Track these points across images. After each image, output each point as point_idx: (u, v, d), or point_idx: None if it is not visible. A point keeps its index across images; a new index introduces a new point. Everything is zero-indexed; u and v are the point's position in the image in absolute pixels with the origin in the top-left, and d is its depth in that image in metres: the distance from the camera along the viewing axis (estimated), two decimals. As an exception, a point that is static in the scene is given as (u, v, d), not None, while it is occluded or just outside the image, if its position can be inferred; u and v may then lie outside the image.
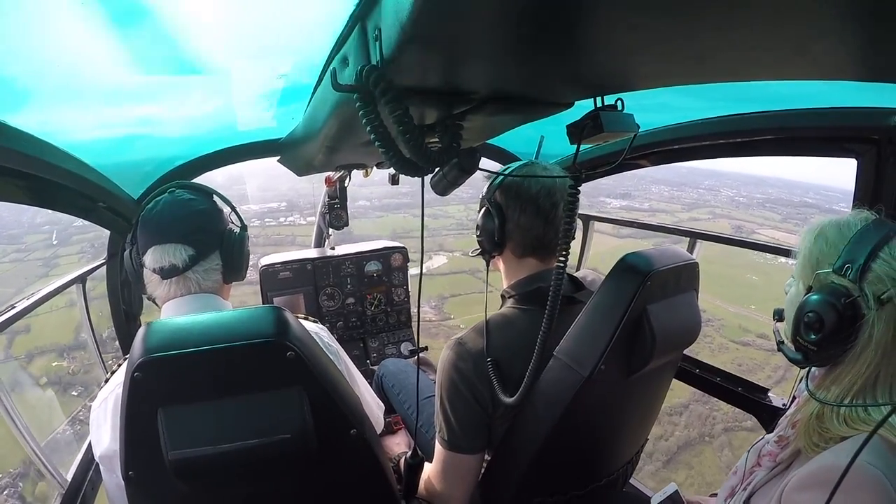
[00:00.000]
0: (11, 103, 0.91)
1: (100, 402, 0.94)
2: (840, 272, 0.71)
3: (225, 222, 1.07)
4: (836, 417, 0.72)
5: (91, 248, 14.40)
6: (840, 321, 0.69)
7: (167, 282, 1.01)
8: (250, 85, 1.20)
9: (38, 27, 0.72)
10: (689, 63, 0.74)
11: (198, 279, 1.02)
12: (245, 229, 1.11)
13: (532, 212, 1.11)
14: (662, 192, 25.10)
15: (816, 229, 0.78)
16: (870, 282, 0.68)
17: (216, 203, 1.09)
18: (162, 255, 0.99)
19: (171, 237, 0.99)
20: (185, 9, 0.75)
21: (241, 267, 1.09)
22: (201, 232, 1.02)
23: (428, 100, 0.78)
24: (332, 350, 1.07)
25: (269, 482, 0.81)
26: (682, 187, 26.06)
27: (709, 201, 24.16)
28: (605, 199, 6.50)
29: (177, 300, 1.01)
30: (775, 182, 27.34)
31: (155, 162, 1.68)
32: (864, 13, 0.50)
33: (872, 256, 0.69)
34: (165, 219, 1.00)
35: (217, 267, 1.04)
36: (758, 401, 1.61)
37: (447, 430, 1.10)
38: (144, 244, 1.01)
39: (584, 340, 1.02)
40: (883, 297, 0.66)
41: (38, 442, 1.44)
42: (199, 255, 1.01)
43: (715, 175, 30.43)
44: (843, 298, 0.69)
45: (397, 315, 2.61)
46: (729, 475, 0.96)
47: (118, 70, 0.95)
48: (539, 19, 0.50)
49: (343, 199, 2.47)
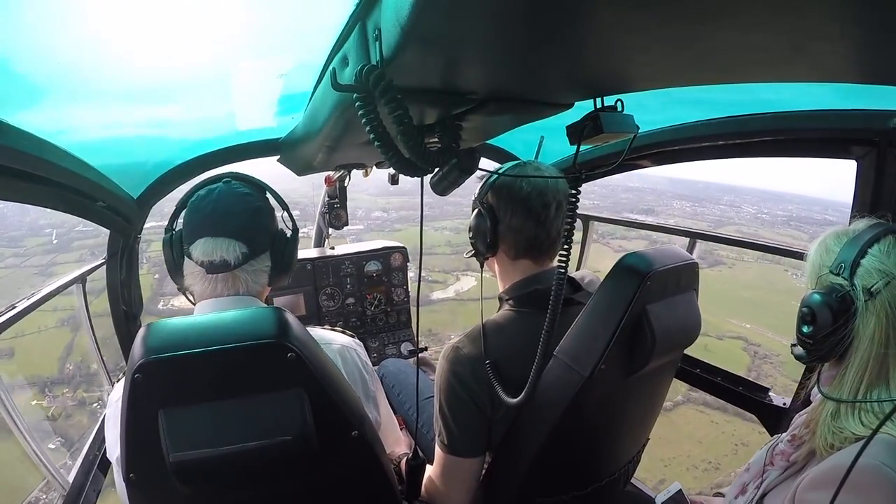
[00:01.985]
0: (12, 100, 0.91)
1: (118, 397, 0.89)
2: (836, 272, 0.75)
3: (277, 222, 1.02)
4: (851, 415, 0.73)
5: (90, 256, 13.60)
6: (832, 314, 0.73)
7: (212, 277, 0.93)
8: (250, 84, 1.20)
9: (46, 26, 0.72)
10: (688, 64, 0.74)
11: (247, 279, 0.95)
12: (297, 232, 1.05)
13: (523, 213, 1.11)
14: (685, 208, 24.72)
15: (819, 240, 0.83)
16: (860, 276, 0.73)
17: (269, 201, 1.03)
18: (214, 249, 0.91)
19: (225, 230, 0.92)
20: (186, 9, 0.75)
21: (290, 271, 1.02)
22: (255, 230, 0.95)
23: (427, 100, 0.78)
24: (368, 370, 1.04)
25: (270, 484, 0.81)
26: (704, 203, 25.72)
27: (732, 218, 23.78)
28: (628, 216, 6.51)
29: (216, 300, 0.94)
30: (793, 198, 26.95)
31: (154, 161, 1.68)
32: (863, 15, 0.50)
33: (862, 253, 0.74)
34: (220, 210, 0.93)
35: (266, 269, 0.98)
36: (759, 400, 1.61)
37: (447, 435, 1.10)
38: (193, 233, 0.93)
39: (584, 340, 1.02)
40: (872, 288, 0.71)
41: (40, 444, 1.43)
42: (251, 254, 0.94)
43: (733, 190, 29.91)
44: (835, 293, 0.74)
45: (397, 315, 2.61)
46: (741, 471, 0.96)
47: (119, 70, 0.96)
48: (538, 20, 0.50)
49: (343, 199, 2.47)
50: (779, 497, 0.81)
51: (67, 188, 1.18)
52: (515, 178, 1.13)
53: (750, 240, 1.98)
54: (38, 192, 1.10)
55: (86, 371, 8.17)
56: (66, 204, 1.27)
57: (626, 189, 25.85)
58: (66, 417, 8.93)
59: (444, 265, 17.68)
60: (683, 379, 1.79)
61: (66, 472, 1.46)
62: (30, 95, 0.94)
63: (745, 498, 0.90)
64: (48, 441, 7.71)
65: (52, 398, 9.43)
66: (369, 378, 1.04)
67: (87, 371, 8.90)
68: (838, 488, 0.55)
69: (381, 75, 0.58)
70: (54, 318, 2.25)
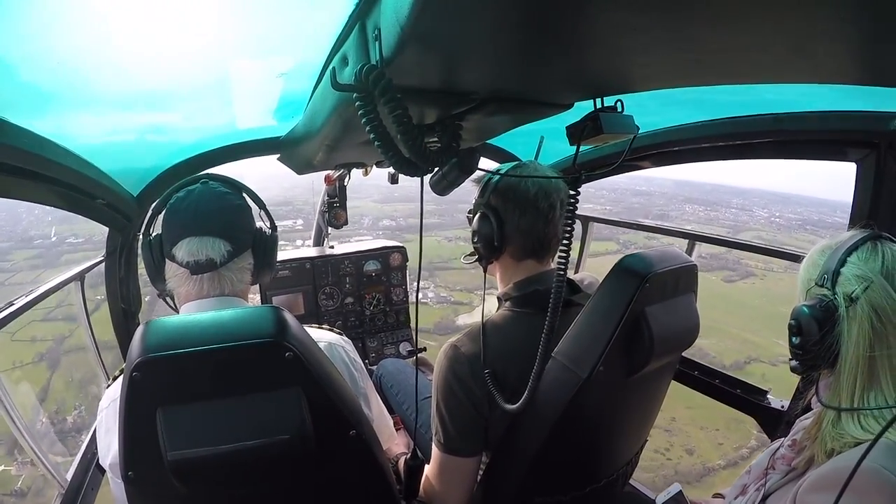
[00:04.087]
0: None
1: (108, 403, 0.90)
2: (820, 283, 0.79)
3: (255, 220, 1.02)
4: (852, 420, 0.74)
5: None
6: (817, 322, 0.76)
7: (197, 278, 0.92)
8: (250, 83, 1.20)
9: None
10: (689, 65, 0.74)
11: (232, 278, 0.95)
12: (275, 230, 1.05)
13: (533, 214, 1.11)
14: (698, 213, 24.22)
15: (808, 256, 0.86)
16: (841, 284, 0.76)
17: (246, 200, 1.03)
18: (199, 248, 0.91)
19: (209, 230, 0.92)
20: (186, 9, 0.75)
21: (271, 268, 1.03)
22: (238, 228, 0.96)
23: (427, 100, 0.78)
24: (356, 366, 1.04)
25: (267, 483, 0.81)
26: (716, 207, 25.33)
27: (747, 223, 23.38)
28: (643, 222, 6.20)
29: (200, 302, 0.93)
30: (799, 200, 26.47)
31: (153, 160, 1.68)
32: (864, 17, 0.50)
33: (842, 262, 0.77)
34: (202, 210, 0.93)
35: (249, 266, 0.98)
36: (757, 403, 1.61)
37: (443, 433, 1.10)
38: (174, 235, 0.92)
39: (582, 342, 1.02)
40: (853, 294, 0.74)
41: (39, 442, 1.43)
42: (235, 252, 0.94)
43: (742, 193, 29.32)
44: (819, 304, 0.76)
45: (396, 315, 2.61)
46: (741, 473, 0.97)
47: (119, 71, 0.95)
48: (538, 20, 0.50)
49: (342, 198, 2.47)
50: (780, 500, 0.82)
51: (67, 186, 1.18)
52: (519, 180, 1.12)
53: (747, 242, 1.97)
54: (39, 190, 1.10)
55: (61, 427, 6.71)
56: (66, 201, 1.27)
57: (634, 193, 25.42)
58: (36, 494, 7.01)
59: (465, 283, 15.49)
60: (682, 381, 1.79)
61: (65, 470, 1.46)
62: (32, 101, 0.94)
63: (746, 499, 0.90)
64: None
65: (20, 464, 7.26)
66: (358, 375, 1.04)
67: (62, 427, 7.19)
68: (841, 491, 0.55)
69: (381, 75, 0.58)
70: (32, 352, 2.02)
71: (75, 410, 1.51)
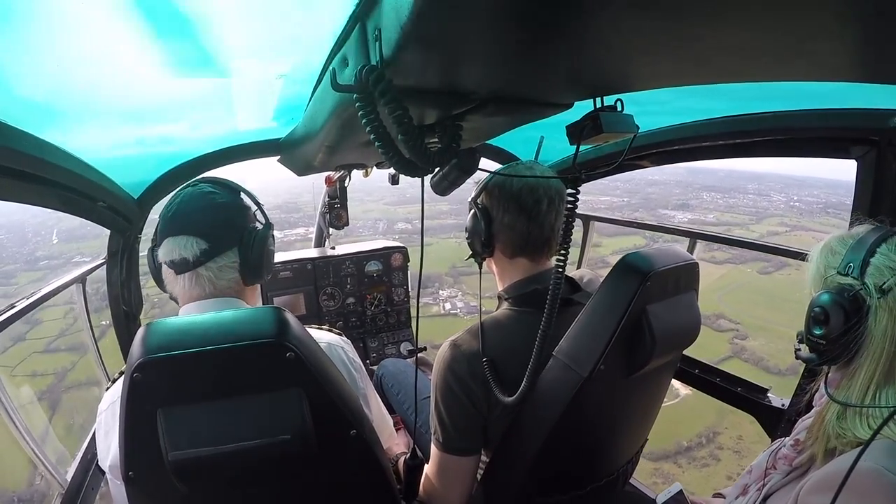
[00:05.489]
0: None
1: (107, 405, 0.90)
2: (844, 272, 0.75)
3: (248, 219, 1.01)
4: (858, 419, 0.72)
5: (72, 313, 10.79)
6: (845, 313, 0.72)
7: (181, 277, 0.95)
8: (250, 85, 1.20)
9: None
10: (688, 64, 0.74)
11: (210, 276, 0.94)
12: (269, 227, 1.04)
13: (515, 210, 1.11)
14: (717, 201, 23.18)
15: (822, 245, 0.83)
16: (870, 274, 0.72)
17: (241, 199, 1.03)
18: (173, 248, 0.93)
19: (185, 229, 0.93)
20: (186, 9, 0.75)
21: (261, 266, 1.00)
22: (219, 226, 0.95)
23: (428, 100, 0.78)
24: (355, 366, 1.04)
25: (268, 483, 0.81)
26: (734, 193, 24.20)
27: (767, 209, 22.32)
28: (664, 212, 6.05)
29: (196, 304, 0.95)
30: (815, 182, 24.64)
31: (154, 161, 1.68)
32: (864, 14, 0.50)
33: (871, 252, 0.73)
34: (181, 211, 0.95)
35: (234, 265, 0.97)
36: (757, 401, 1.61)
37: (442, 432, 1.10)
38: (159, 237, 0.96)
39: (583, 340, 1.02)
40: (884, 286, 0.70)
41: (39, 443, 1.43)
42: (212, 250, 0.94)
43: (757, 178, 28.45)
44: (846, 293, 0.73)
45: (397, 315, 2.61)
46: (742, 473, 0.97)
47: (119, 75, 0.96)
48: (538, 20, 0.50)
49: (343, 199, 2.48)
50: (781, 500, 0.81)
51: (68, 188, 1.19)
52: (508, 177, 1.13)
53: (749, 240, 1.98)
54: (39, 193, 1.10)
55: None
56: (67, 204, 1.28)
57: (650, 183, 24.46)
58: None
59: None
60: (682, 379, 1.79)
61: (65, 470, 1.46)
62: (32, 114, 0.95)
63: (746, 499, 0.90)
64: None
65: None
66: (357, 375, 1.04)
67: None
68: (837, 491, 0.55)
69: (381, 75, 0.58)
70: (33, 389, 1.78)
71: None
